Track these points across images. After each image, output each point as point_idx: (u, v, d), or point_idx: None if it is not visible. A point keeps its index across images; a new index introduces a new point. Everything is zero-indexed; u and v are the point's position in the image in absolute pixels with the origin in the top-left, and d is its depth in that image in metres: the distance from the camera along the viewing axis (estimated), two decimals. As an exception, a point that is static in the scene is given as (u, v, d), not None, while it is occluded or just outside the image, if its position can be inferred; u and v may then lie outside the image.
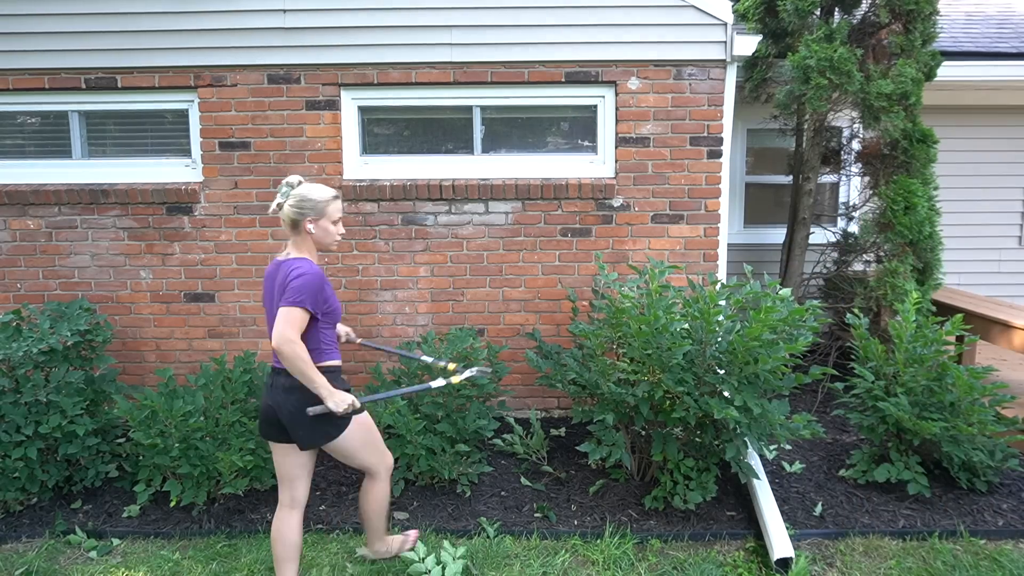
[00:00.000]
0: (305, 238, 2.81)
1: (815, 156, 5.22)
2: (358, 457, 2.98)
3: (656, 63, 4.56)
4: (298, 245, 2.83)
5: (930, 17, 4.69)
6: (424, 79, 4.61)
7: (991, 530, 3.51)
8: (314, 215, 2.78)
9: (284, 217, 2.80)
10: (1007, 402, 3.72)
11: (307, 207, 2.77)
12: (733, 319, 3.54)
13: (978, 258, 6.46)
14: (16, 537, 3.59)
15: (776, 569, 3.19)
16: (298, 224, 2.78)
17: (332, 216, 2.82)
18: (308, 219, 2.77)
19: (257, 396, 4.02)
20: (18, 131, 4.85)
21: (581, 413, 3.82)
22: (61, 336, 3.85)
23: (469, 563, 3.26)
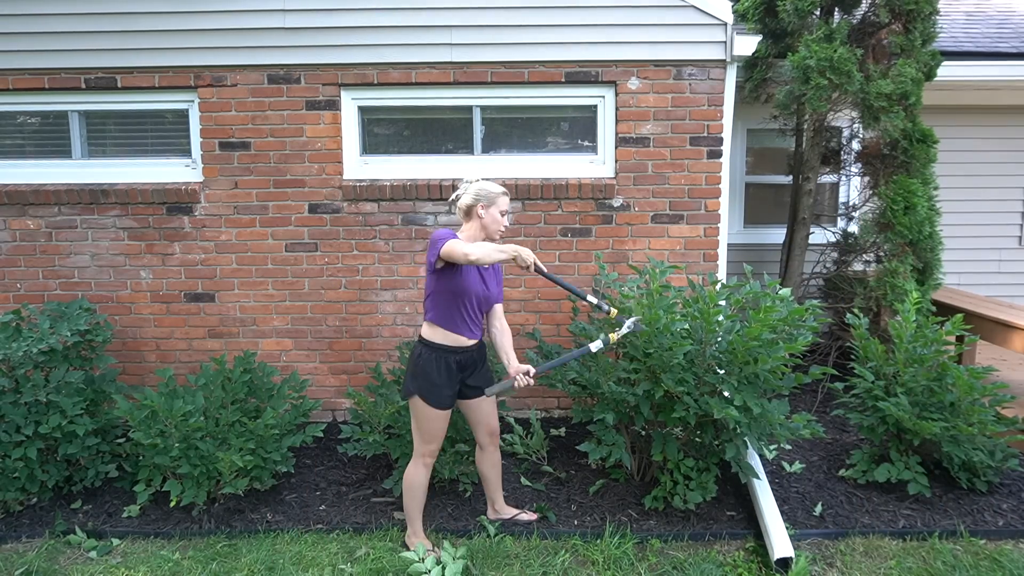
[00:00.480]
0: (474, 223, 3.23)
1: (815, 156, 5.22)
2: (412, 428, 3.28)
3: (656, 63, 4.56)
4: (465, 232, 3.25)
5: (930, 17, 4.68)
6: (424, 79, 4.61)
7: (991, 530, 3.51)
8: (486, 202, 3.20)
9: (461, 204, 3.24)
10: (1007, 402, 3.72)
11: (482, 195, 3.20)
12: (733, 319, 3.54)
13: (978, 258, 6.46)
14: (16, 537, 3.59)
15: (776, 569, 3.19)
16: (471, 209, 3.21)
17: (500, 207, 3.23)
18: (481, 204, 3.20)
19: (257, 396, 4.02)
20: (18, 131, 4.85)
21: (581, 413, 3.82)
22: (61, 336, 3.85)
23: (469, 563, 3.26)
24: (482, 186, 3.23)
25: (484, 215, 3.21)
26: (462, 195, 3.24)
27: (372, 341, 4.82)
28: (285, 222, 4.73)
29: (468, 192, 3.22)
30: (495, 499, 3.63)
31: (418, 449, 3.27)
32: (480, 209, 3.20)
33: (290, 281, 4.78)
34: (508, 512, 3.64)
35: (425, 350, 3.18)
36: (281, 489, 3.99)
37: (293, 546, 3.46)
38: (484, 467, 3.54)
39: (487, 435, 3.44)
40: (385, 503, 3.84)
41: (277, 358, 4.82)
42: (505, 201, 3.25)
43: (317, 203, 4.71)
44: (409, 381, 3.19)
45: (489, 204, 3.20)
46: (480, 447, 3.49)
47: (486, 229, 3.23)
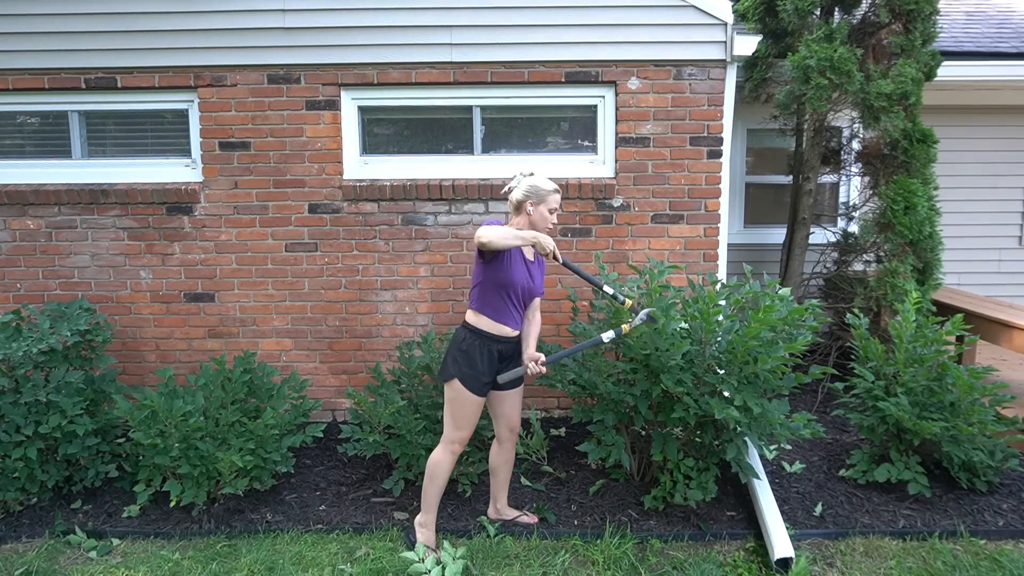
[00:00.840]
0: (522, 218, 3.27)
1: (815, 156, 5.22)
2: (445, 413, 3.28)
3: (656, 63, 4.56)
4: (513, 224, 3.28)
5: (930, 17, 4.68)
6: (424, 79, 4.61)
7: (991, 530, 3.51)
8: (535, 199, 3.24)
9: (512, 199, 3.29)
10: (1007, 402, 3.72)
11: (532, 192, 3.24)
12: (732, 319, 3.54)
13: (978, 258, 6.46)
14: (16, 537, 3.59)
15: (776, 569, 3.19)
16: (521, 205, 3.25)
17: (550, 205, 3.26)
18: (530, 201, 3.23)
19: (257, 396, 4.02)
20: (18, 131, 4.85)
21: (581, 413, 3.82)
22: (61, 336, 3.85)
23: (469, 563, 3.26)
24: (533, 182, 3.26)
25: (533, 212, 3.25)
26: (514, 188, 3.28)
27: (372, 341, 4.82)
28: (285, 222, 4.73)
29: (520, 187, 3.26)
30: (499, 497, 3.63)
31: (449, 435, 3.26)
32: (529, 206, 3.24)
33: (290, 281, 4.78)
34: (510, 513, 3.64)
35: (470, 335, 3.20)
36: (281, 489, 3.99)
37: (293, 546, 3.46)
38: (497, 462, 3.54)
39: (508, 430, 3.45)
40: (385, 503, 3.84)
41: (277, 358, 4.82)
42: (556, 199, 3.27)
43: (317, 203, 4.71)
44: (450, 364, 3.20)
45: (539, 201, 3.24)
46: (498, 441, 3.49)
47: (534, 225, 3.26)
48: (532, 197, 3.23)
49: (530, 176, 3.30)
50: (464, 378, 3.17)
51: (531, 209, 3.24)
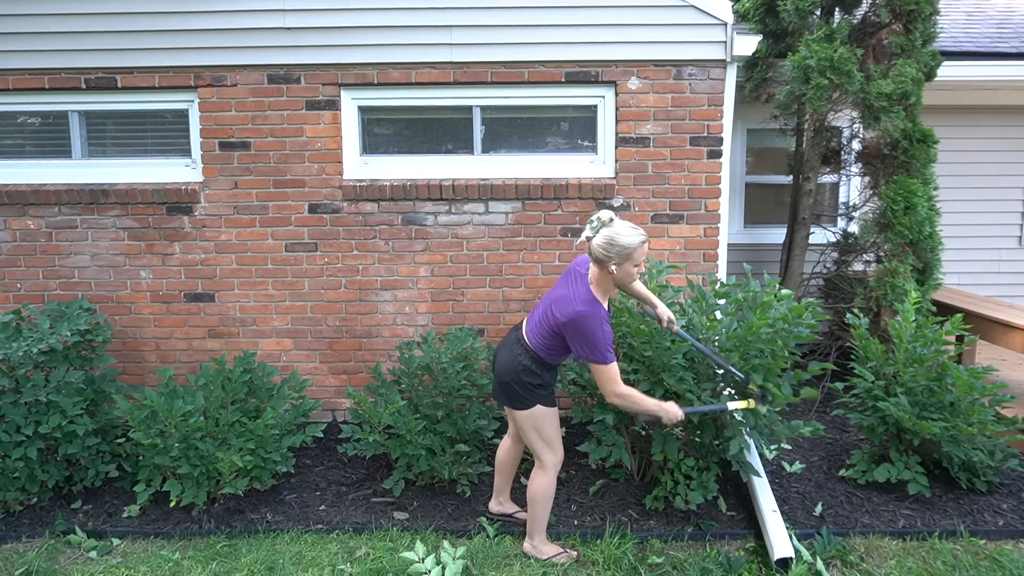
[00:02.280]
0: (604, 275, 2.90)
1: (815, 156, 5.22)
2: (528, 437, 3.18)
3: (656, 63, 4.56)
4: (598, 278, 2.93)
5: (930, 17, 4.68)
6: (424, 79, 4.61)
7: (991, 530, 3.51)
8: (619, 260, 2.84)
9: (592, 252, 2.87)
10: (1007, 402, 3.72)
11: (613, 252, 2.82)
12: (732, 317, 3.55)
13: (978, 258, 6.46)
14: (16, 537, 3.59)
15: (776, 569, 3.19)
16: (603, 264, 2.85)
17: (636, 260, 2.86)
18: (613, 263, 2.83)
19: (257, 396, 4.02)
20: (18, 131, 4.84)
21: (581, 413, 3.82)
22: (61, 336, 3.85)
23: (469, 563, 3.26)
24: (616, 238, 2.79)
25: (617, 271, 2.86)
26: (593, 239, 2.85)
27: (372, 341, 4.82)
28: (285, 222, 4.73)
29: (598, 242, 2.82)
30: (503, 491, 3.64)
31: (548, 460, 3.16)
32: (612, 266, 2.84)
33: (290, 281, 4.78)
34: (511, 508, 3.65)
35: (534, 363, 3.07)
36: (281, 489, 3.99)
37: (293, 546, 3.47)
38: (508, 459, 3.53)
39: None
40: (385, 503, 3.84)
41: (277, 358, 4.82)
42: (643, 251, 2.85)
43: (317, 203, 4.71)
44: (524, 395, 3.06)
45: (623, 260, 2.83)
46: (514, 440, 3.48)
47: (618, 282, 2.93)
48: (615, 258, 2.81)
49: (610, 225, 2.83)
50: (544, 400, 3.10)
51: (614, 269, 2.84)
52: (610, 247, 2.80)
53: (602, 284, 2.93)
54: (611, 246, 2.80)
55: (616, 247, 2.80)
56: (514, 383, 3.08)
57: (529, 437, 3.17)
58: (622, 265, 2.83)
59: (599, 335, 2.82)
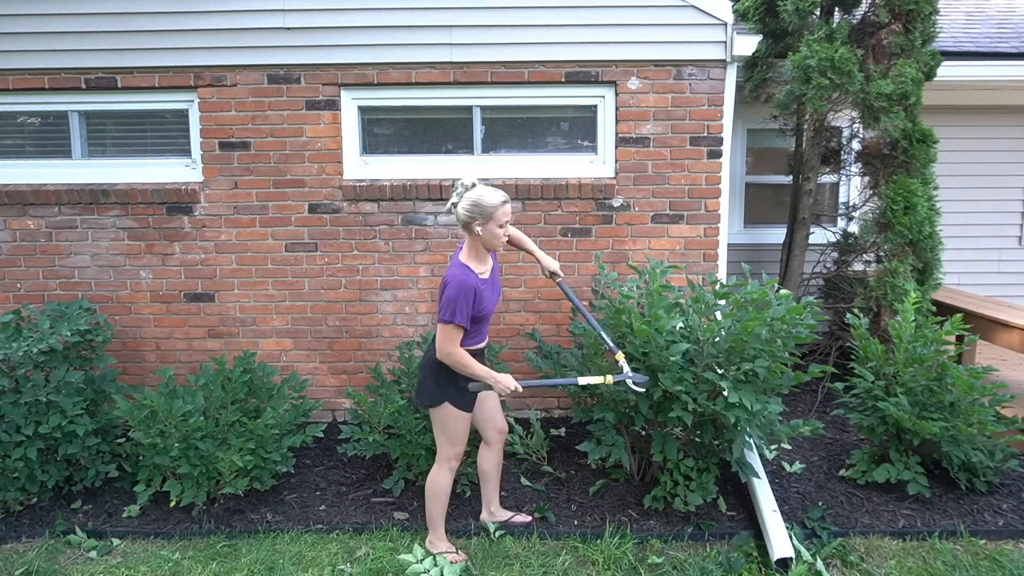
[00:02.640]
0: (475, 239, 3.05)
1: (815, 156, 5.22)
2: (434, 432, 3.24)
3: (656, 63, 4.56)
4: (468, 245, 3.09)
5: (930, 17, 4.68)
6: (424, 79, 4.61)
7: (991, 530, 3.51)
8: (482, 219, 2.99)
9: (457, 217, 3.04)
10: (1007, 402, 3.72)
11: (476, 211, 2.98)
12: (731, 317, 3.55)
13: (978, 258, 6.46)
14: (16, 537, 3.59)
15: (776, 569, 3.19)
16: (468, 226, 3.02)
17: (499, 220, 3.01)
18: (477, 223, 2.99)
19: (257, 396, 4.02)
20: (18, 131, 4.85)
21: (581, 413, 3.82)
22: (61, 336, 3.85)
23: (470, 563, 3.26)
24: (478, 198, 2.97)
25: (482, 232, 3.01)
26: (458, 204, 3.03)
27: (372, 341, 4.82)
28: (285, 222, 4.73)
29: (463, 205, 3.00)
30: (492, 500, 3.61)
31: (445, 453, 3.22)
32: (477, 227, 2.99)
33: (290, 281, 4.78)
34: (504, 514, 3.63)
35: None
36: (281, 489, 3.99)
37: (293, 546, 3.47)
38: (487, 465, 3.51)
39: (496, 432, 3.44)
40: (385, 503, 3.84)
41: (277, 358, 4.82)
42: (505, 211, 3.00)
43: (317, 203, 4.71)
44: (435, 391, 3.12)
45: (487, 220, 2.98)
46: (487, 444, 3.47)
47: (486, 244, 3.06)
48: (478, 218, 2.97)
49: (473, 189, 3.00)
50: (454, 399, 3.12)
51: (479, 229, 2.99)
52: (473, 207, 2.98)
53: (472, 249, 3.09)
54: (474, 207, 2.98)
55: (478, 207, 2.98)
56: (425, 380, 3.16)
57: (435, 432, 3.23)
58: (486, 225, 3.00)
59: (454, 295, 2.94)
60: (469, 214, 2.99)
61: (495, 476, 3.56)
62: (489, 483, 3.56)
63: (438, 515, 3.31)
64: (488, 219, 2.99)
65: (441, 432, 3.20)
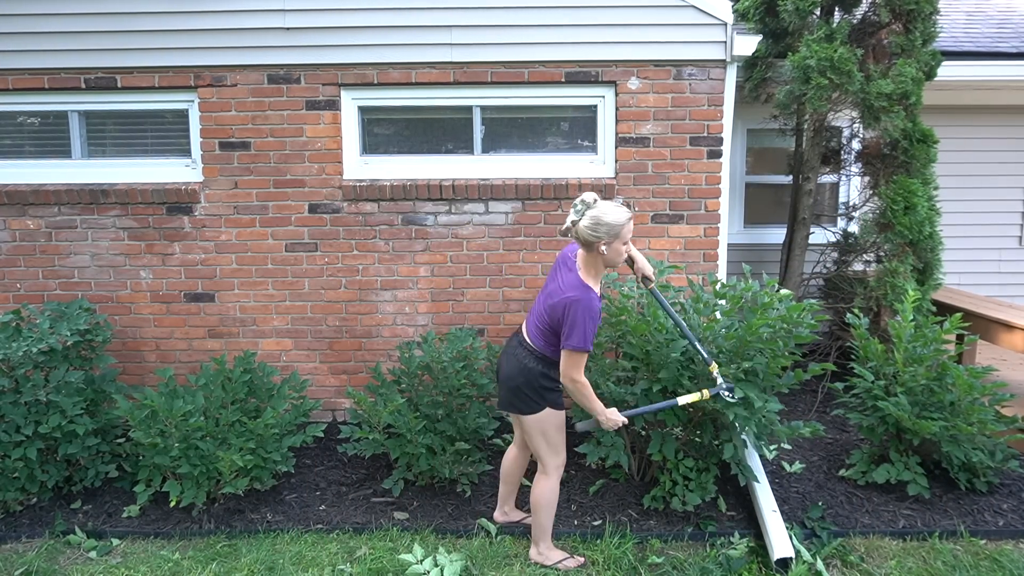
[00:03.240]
0: (594, 257, 2.91)
1: (815, 156, 5.22)
2: (533, 442, 3.15)
3: (656, 63, 4.56)
4: (587, 261, 2.94)
5: (930, 17, 4.68)
6: (424, 79, 4.61)
7: (991, 530, 3.51)
8: (609, 239, 2.84)
9: (579, 236, 2.86)
10: (1007, 401, 3.72)
11: (603, 231, 2.82)
12: (731, 315, 3.55)
13: (978, 258, 6.46)
14: (16, 537, 3.59)
15: (776, 569, 3.19)
16: (593, 245, 2.85)
17: (625, 238, 2.87)
18: (603, 242, 2.84)
19: (257, 396, 4.02)
20: (18, 131, 4.85)
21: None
22: (61, 336, 3.85)
23: (469, 563, 3.26)
24: (603, 217, 2.81)
25: (607, 251, 2.87)
26: (578, 222, 2.85)
27: (372, 341, 4.82)
28: (285, 222, 4.73)
29: (585, 224, 2.82)
30: (509, 500, 3.60)
31: (551, 463, 3.15)
32: (602, 246, 2.85)
33: (290, 281, 4.78)
34: (517, 515, 3.62)
35: (542, 365, 3.04)
36: (281, 489, 3.99)
37: (293, 546, 3.47)
38: (514, 468, 3.49)
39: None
40: (385, 503, 3.84)
41: (277, 358, 4.82)
42: (630, 228, 2.89)
43: (317, 203, 4.71)
44: (535, 400, 3.04)
45: (613, 238, 2.84)
46: (520, 447, 3.45)
47: (608, 262, 2.94)
48: (604, 237, 2.82)
49: (595, 207, 2.84)
50: (554, 402, 3.08)
51: (604, 249, 2.86)
52: (598, 227, 2.81)
53: (591, 267, 2.95)
54: (599, 226, 2.81)
55: (604, 226, 2.81)
56: (524, 387, 3.05)
57: (535, 442, 3.14)
58: (612, 244, 2.85)
59: (581, 318, 2.82)
60: (594, 234, 2.82)
61: (519, 479, 3.55)
62: (509, 484, 3.55)
63: (549, 525, 3.25)
64: (615, 238, 2.84)
65: (543, 441, 3.11)
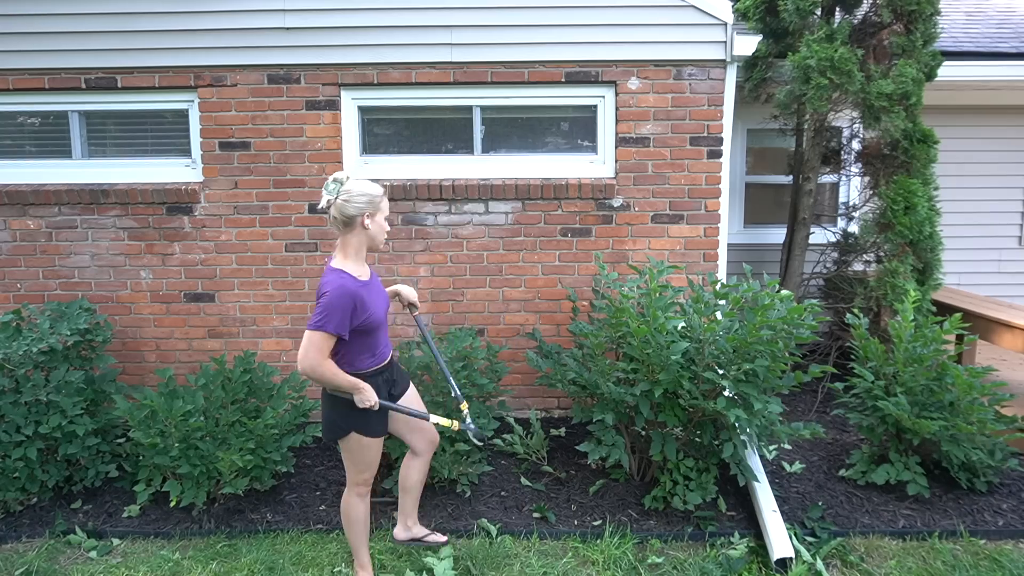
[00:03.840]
0: (358, 236, 2.77)
1: (815, 156, 5.22)
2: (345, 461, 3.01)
3: (656, 63, 4.56)
4: (345, 247, 2.80)
5: (931, 17, 4.68)
6: (424, 79, 4.61)
7: (991, 530, 3.51)
8: (371, 210, 2.75)
9: (338, 214, 2.72)
10: (1007, 401, 3.72)
11: (364, 203, 2.72)
12: (732, 317, 3.55)
13: (978, 258, 6.46)
14: (16, 537, 3.60)
15: (776, 569, 3.19)
16: (354, 220, 2.73)
17: (385, 211, 2.81)
18: (366, 214, 2.74)
19: (257, 396, 4.02)
20: (18, 131, 4.84)
21: (581, 413, 3.82)
22: (61, 336, 3.85)
23: (470, 563, 3.26)
24: (362, 190, 2.72)
25: (371, 226, 2.77)
26: (335, 202, 2.71)
27: (372, 341, 4.82)
28: (285, 222, 4.73)
29: (348, 200, 2.70)
30: (411, 514, 3.33)
31: (354, 479, 2.99)
32: (366, 219, 2.74)
33: (290, 281, 4.78)
34: (421, 531, 3.37)
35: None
36: (281, 489, 3.99)
37: (293, 546, 3.47)
38: (414, 479, 3.22)
39: (428, 442, 3.19)
40: (384, 503, 3.84)
41: (277, 358, 4.82)
42: (387, 202, 2.82)
43: (317, 203, 4.71)
44: (339, 422, 2.87)
45: (375, 211, 2.75)
46: (416, 454, 3.19)
47: (372, 240, 2.81)
48: (367, 209, 2.73)
49: (348, 183, 2.73)
50: (361, 427, 2.87)
51: (368, 223, 2.75)
52: (360, 198, 2.71)
53: (349, 247, 2.79)
54: (361, 196, 2.71)
55: (365, 196, 2.72)
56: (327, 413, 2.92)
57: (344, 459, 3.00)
58: (375, 217, 2.76)
59: (327, 301, 2.66)
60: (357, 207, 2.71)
61: (419, 490, 3.29)
62: (410, 495, 3.28)
63: (360, 544, 3.08)
64: (376, 210, 2.76)
65: (350, 461, 2.96)
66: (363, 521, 3.05)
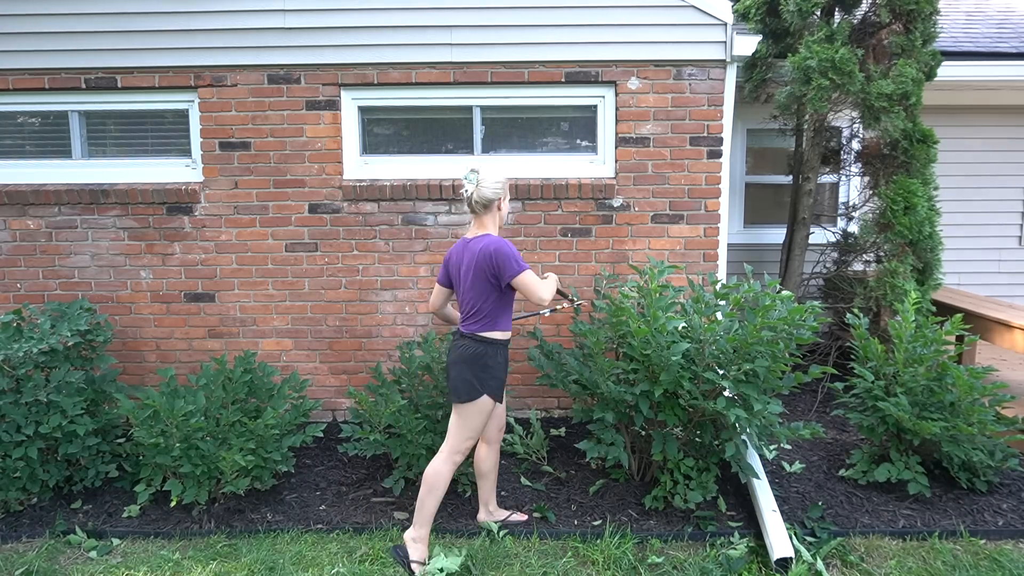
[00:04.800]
0: (492, 216, 3.22)
1: (815, 156, 5.22)
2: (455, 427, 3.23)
3: (656, 63, 4.56)
4: (483, 225, 3.23)
5: (931, 17, 4.69)
6: (424, 79, 4.61)
7: (991, 530, 3.51)
8: (503, 194, 3.22)
9: (480, 198, 3.15)
10: (1007, 402, 3.72)
11: (499, 188, 3.18)
12: (732, 317, 3.55)
13: (978, 258, 6.46)
14: (16, 537, 3.60)
15: (776, 569, 3.19)
16: (492, 204, 3.18)
17: (508, 195, 3.29)
18: (500, 198, 3.20)
19: (257, 396, 4.02)
20: (18, 131, 4.85)
21: (581, 413, 3.82)
22: (61, 336, 3.85)
23: (470, 563, 3.26)
24: (495, 177, 3.18)
25: (503, 207, 3.25)
26: (477, 188, 3.15)
27: (372, 341, 4.82)
28: (285, 222, 4.73)
29: (486, 186, 3.15)
30: (490, 500, 3.60)
31: (457, 447, 3.22)
32: (504, 201, 3.24)
33: (290, 281, 4.78)
34: (502, 514, 3.63)
35: (491, 348, 3.18)
36: (281, 489, 3.99)
37: (293, 546, 3.47)
38: (487, 464, 3.49)
39: (498, 430, 3.45)
40: (385, 503, 3.84)
41: (277, 358, 4.82)
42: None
43: (317, 203, 4.71)
44: (477, 384, 3.15)
45: (505, 195, 3.23)
46: (488, 443, 3.45)
47: (501, 221, 3.28)
48: (501, 192, 3.20)
49: (483, 172, 3.18)
50: (494, 391, 3.20)
51: (502, 205, 3.24)
52: (496, 183, 3.17)
53: (489, 228, 3.24)
54: (496, 183, 3.17)
55: (500, 182, 3.19)
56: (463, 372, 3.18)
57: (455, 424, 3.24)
58: (505, 200, 3.24)
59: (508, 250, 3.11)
60: (494, 191, 3.17)
61: (495, 475, 3.56)
62: (487, 481, 3.55)
63: (432, 510, 3.26)
64: (506, 195, 3.25)
65: (461, 425, 3.20)
66: (443, 491, 3.25)
